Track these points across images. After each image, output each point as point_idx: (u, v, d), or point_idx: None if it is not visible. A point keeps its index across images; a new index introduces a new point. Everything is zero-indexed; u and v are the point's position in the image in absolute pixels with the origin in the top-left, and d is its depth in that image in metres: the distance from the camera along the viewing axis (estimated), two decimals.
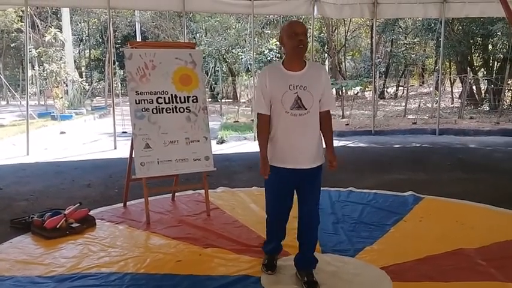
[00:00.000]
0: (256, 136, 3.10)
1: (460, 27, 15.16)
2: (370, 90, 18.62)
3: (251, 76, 14.33)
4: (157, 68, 4.59)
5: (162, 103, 4.58)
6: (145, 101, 4.52)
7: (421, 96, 18.08)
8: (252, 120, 11.26)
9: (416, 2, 9.87)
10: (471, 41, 15.18)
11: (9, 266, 3.41)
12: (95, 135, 11.17)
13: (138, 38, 20.43)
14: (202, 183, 4.71)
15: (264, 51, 17.63)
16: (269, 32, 19.74)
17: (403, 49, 19.35)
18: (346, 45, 21.95)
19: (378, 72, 15.69)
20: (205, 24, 20.21)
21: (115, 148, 8.95)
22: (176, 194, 5.21)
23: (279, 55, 17.07)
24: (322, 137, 3.08)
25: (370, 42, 20.97)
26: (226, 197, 5.24)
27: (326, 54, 21.81)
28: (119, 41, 22.85)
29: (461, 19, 13.87)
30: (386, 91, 21.24)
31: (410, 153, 8.44)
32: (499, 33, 13.45)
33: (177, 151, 4.56)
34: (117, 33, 22.15)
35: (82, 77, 20.69)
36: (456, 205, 4.89)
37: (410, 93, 17.14)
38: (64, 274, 3.26)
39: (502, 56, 14.72)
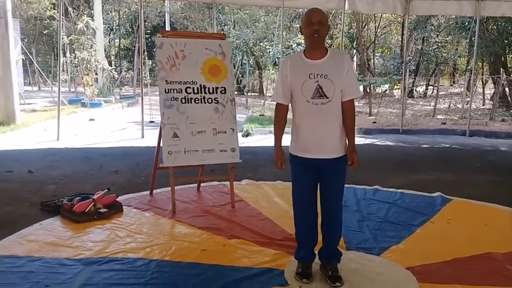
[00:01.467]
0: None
1: (495, 27, 14.72)
2: (399, 88, 18.33)
3: (278, 70, 14.28)
4: (187, 58, 4.62)
5: (190, 93, 4.61)
6: (175, 91, 4.56)
7: (451, 97, 17.69)
8: None
9: None
10: (505, 41, 14.72)
11: (39, 247, 3.50)
12: (123, 124, 11.35)
13: (168, 29, 20.65)
14: (228, 174, 4.73)
15: (291, 45, 17.55)
16: (298, 25, 19.60)
17: (434, 47, 18.95)
18: (376, 41, 21.63)
19: (407, 70, 15.38)
20: (233, 17, 20.23)
21: (142, 137, 9.07)
22: (201, 184, 5.25)
23: None
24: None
25: (400, 39, 20.63)
26: (250, 190, 5.25)
27: (355, 51, 21.55)
28: (149, 31, 23.12)
29: (496, 18, 13.46)
30: (416, 90, 20.83)
31: (439, 154, 8.27)
32: None
33: (204, 141, 4.59)
34: (147, 23, 22.40)
35: (111, 66, 21.00)
36: (485, 208, 4.77)
37: (440, 93, 16.79)
38: (92, 257, 3.32)
39: None
